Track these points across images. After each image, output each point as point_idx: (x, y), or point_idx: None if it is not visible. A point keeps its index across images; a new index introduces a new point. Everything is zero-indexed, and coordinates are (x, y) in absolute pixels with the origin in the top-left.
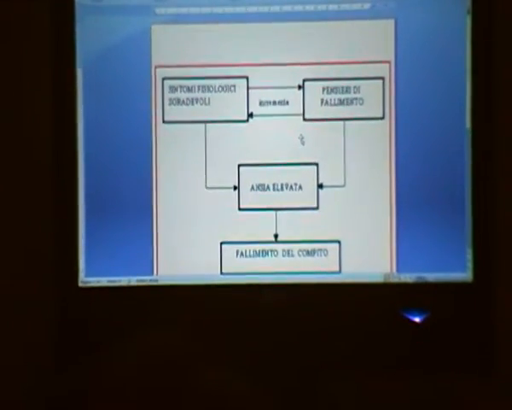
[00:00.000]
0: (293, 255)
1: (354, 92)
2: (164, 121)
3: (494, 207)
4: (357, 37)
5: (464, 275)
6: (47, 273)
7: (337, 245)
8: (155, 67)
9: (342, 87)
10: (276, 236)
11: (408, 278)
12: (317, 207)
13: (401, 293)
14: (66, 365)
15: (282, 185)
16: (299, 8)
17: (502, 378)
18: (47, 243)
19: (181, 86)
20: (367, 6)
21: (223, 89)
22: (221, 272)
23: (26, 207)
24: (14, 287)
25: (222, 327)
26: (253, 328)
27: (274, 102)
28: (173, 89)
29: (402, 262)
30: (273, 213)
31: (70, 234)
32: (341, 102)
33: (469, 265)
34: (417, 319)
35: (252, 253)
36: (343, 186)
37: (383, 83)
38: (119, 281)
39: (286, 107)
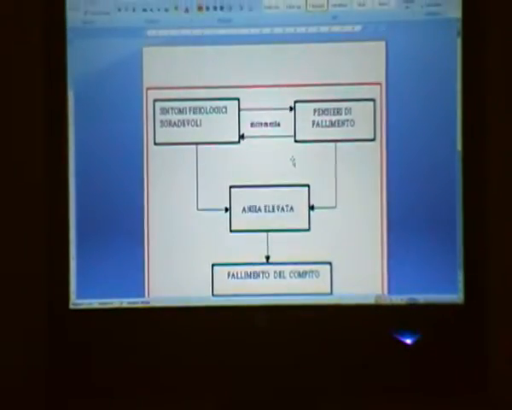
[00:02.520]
0: (284, 277)
1: (345, 114)
2: (155, 143)
3: (485, 229)
4: (349, 59)
5: (455, 297)
6: (38, 295)
7: (328, 267)
8: (147, 89)
9: (333, 109)
10: (267, 257)
11: (399, 299)
12: (308, 229)
13: (392, 315)
14: (57, 387)
15: (273, 207)
16: (290, 30)
17: (494, 399)
18: (39, 265)
19: (172, 108)
20: (358, 28)
21: (214, 110)
22: (212, 294)
23: (18, 229)
24: (6, 309)
25: (213, 348)
26: (244, 349)
27: (265, 124)
28: (164, 111)
29: (393, 284)
30: (265, 234)
31: (61, 256)
32: (333, 124)
33: (460, 286)
34: (409, 341)
35: (243, 274)
36: (334, 208)
37: (374, 104)
38: (111, 303)
39: (277, 128)
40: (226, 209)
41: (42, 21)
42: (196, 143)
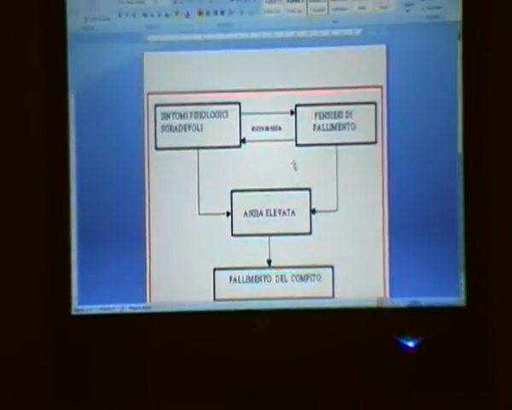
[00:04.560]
0: (286, 281)
1: (346, 117)
2: (156, 148)
3: (486, 231)
4: (349, 62)
5: (457, 299)
6: (40, 301)
7: (330, 270)
8: (148, 94)
9: (334, 112)
10: (269, 261)
11: (401, 302)
12: (310, 233)
13: (394, 318)
14: (59, 392)
15: (275, 211)
16: (290, 34)
17: (498, 400)
18: (40, 271)
19: (173, 113)
20: (358, 32)
21: (215, 115)
22: (214, 299)
23: (19, 235)
24: (8, 315)
25: (215, 353)
26: (246, 354)
27: (266, 128)
28: (166, 115)
29: (395, 287)
30: (266, 238)
31: (63, 262)
32: (334, 128)
33: (462, 289)
34: (411, 344)
35: (245, 279)
36: (336, 211)
37: (375, 108)
38: (112, 308)
39: (278, 132)
40: (228, 214)
41: (42, 27)
42: (197, 148)
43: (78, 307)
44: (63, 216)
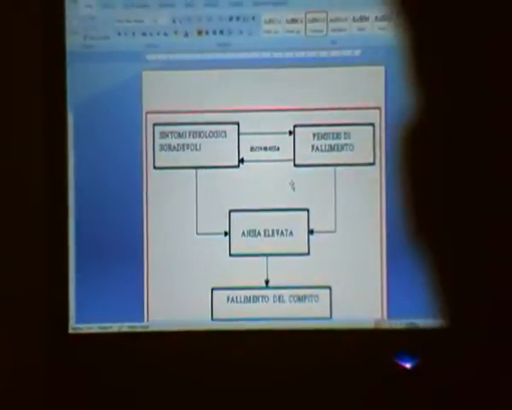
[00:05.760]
0: (284, 301)
1: (345, 138)
2: (155, 167)
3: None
4: (348, 83)
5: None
6: (37, 320)
7: (328, 291)
8: (146, 113)
9: (333, 133)
10: (267, 281)
11: (399, 324)
12: (308, 253)
13: (392, 339)
14: None
15: (273, 231)
16: (289, 54)
17: None
18: (38, 289)
19: (172, 132)
20: (357, 52)
21: (213, 135)
22: (212, 318)
23: (17, 252)
24: (4, 334)
25: (213, 372)
26: (244, 373)
27: (265, 148)
28: (164, 135)
29: (393, 308)
30: (264, 258)
31: (60, 280)
32: (332, 148)
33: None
34: (409, 365)
35: (243, 298)
36: (334, 232)
37: (373, 129)
38: (110, 327)
39: (277, 152)
40: (226, 233)
41: (42, 45)
42: (196, 167)
43: (76, 325)
44: (61, 234)
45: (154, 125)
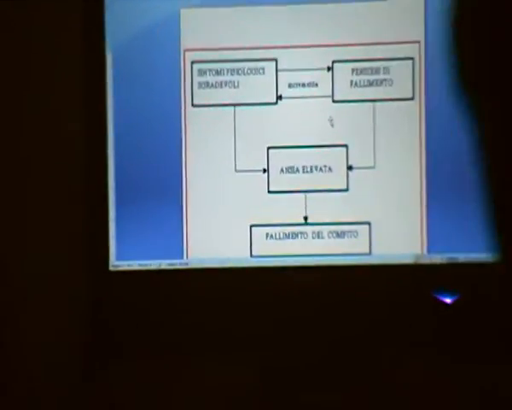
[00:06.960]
0: (323, 237)
1: (384, 73)
2: (193, 105)
3: None
4: (387, 17)
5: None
6: (78, 257)
7: (367, 227)
8: (184, 51)
9: (371, 68)
10: (305, 218)
11: (439, 258)
12: (346, 189)
13: (432, 274)
14: (98, 347)
15: (311, 168)
16: None
17: None
18: (78, 227)
19: (210, 70)
20: None
21: (251, 72)
22: (251, 255)
23: (58, 193)
24: (47, 272)
25: (252, 309)
26: (282, 310)
27: (303, 85)
28: (202, 72)
29: (433, 243)
30: (303, 195)
31: (101, 218)
32: (371, 84)
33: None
34: (448, 300)
35: (281, 235)
36: (373, 168)
37: (413, 63)
38: (150, 265)
39: (315, 89)
40: (264, 170)
41: None
42: (234, 105)
43: (116, 262)
44: (101, 174)
45: (193, 62)
